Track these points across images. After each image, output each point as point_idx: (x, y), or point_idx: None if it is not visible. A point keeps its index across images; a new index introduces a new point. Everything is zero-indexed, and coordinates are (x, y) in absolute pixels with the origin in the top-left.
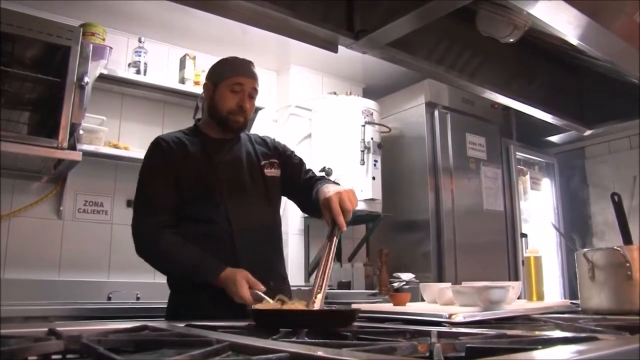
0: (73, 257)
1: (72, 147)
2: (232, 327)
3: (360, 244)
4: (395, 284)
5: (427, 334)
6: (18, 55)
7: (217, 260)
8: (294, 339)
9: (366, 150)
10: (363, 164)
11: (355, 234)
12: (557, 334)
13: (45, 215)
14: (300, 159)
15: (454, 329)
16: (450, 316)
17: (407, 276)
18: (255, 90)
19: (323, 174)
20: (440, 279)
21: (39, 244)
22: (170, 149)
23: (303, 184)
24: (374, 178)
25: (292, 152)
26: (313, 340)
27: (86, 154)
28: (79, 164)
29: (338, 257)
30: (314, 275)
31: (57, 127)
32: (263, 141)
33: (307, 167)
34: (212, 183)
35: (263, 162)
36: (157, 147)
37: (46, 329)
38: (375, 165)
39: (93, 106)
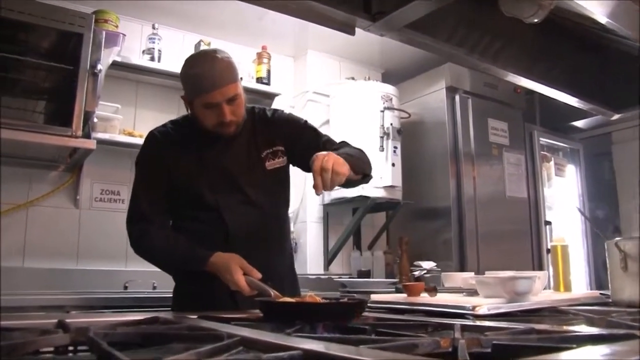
0: (90, 246)
1: (87, 135)
2: (245, 319)
3: (380, 232)
4: (416, 273)
5: (450, 327)
6: (31, 43)
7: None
8: (308, 334)
9: (385, 137)
10: (382, 150)
11: (375, 222)
12: (590, 329)
13: (62, 205)
14: (315, 130)
15: (478, 322)
16: (474, 308)
17: (428, 264)
18: (236, 94)
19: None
20: (462, 267)
21: (57, 233)
22: (162, 146)
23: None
24: (393, 165)
25: (305, 122)
26: (328, 335)
27: (101, 142)
28: (94, 152)
29: (358, 245)
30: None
31: (71, 116)
32: (267, 121)
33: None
34: (203, 184)
35: (265, 153)
36: (150, 143)
37: (55, 321)
38: (394, 151)
39: (108, 94)
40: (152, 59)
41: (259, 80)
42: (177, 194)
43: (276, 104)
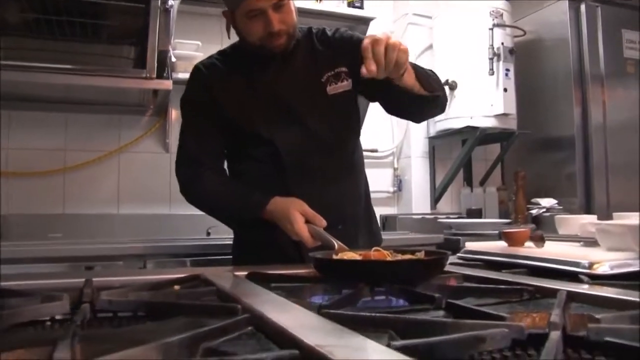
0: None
1: (167, 75)
2: (297, 277)
3: (494, 166)
4: (534, 211)
5: (553, 294)
6: None
7: (265, 193)
8: (341, 311)
9: (495, 58)
10: (492, 73)
11: (487, 155)
12: None
13: (152, 149)
14: None
15: (596, 290)
16: (591, 266)
17: (547, 202)
18: None
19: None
20: (588, 206)
21: (149, 178)
22: (208, 79)
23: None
24: (505, 90)
25: None
26: (367, 314)
27: (181, 82)
28: (179, 93)
29: (468, 181)
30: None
31: (145, 57)
32: (327, 40)
33: None
34: (254, 115)
35: (325, 76)
36: (194, 78)
37: (83, 280)
38: (507, 74)
39: (189, 31)
40: None
41: (351, 4)
42: (228, 129)
43: (372, 30)
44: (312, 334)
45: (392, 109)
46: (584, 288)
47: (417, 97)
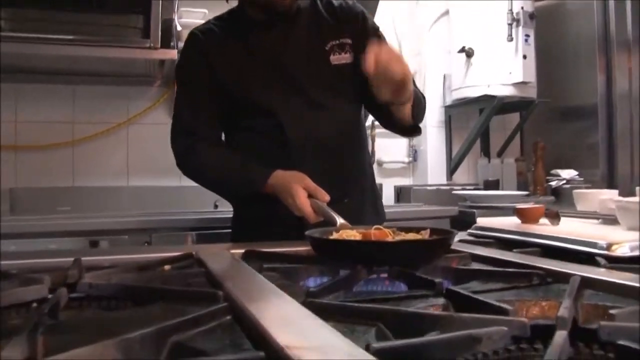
0: None
1: (173, 45)
2: (292, 256)
3: (512, 136)
4: (553, 183)
5: (566, 278)
6: None
7: (265, 166)
8: (331, 299)
9: (515, 23)
10: (511, 40)
11: (506, 124)
12: None
13: (161, 120)
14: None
15: (613, 276)
16: (609, 247)
17: (568, 173)
18: None
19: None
20: (610, 178)
21: (158, 150)
22: (205, 45)
23: None
24: (525, 57)
25: (378, 28)
26: (355, 305)
27: None
28: None
29: (486, 151)
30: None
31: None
32: (334, 9)
33: None
34: (254, 82)
35: (329, 45)
36: (190, 44)
37: (72, 259)
38: (526, 41)
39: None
40: None
41: None
42: (226, 98)
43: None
44: (286, 331)
45: (369, 107)
46: (600, 273)
47: (399, 120)
